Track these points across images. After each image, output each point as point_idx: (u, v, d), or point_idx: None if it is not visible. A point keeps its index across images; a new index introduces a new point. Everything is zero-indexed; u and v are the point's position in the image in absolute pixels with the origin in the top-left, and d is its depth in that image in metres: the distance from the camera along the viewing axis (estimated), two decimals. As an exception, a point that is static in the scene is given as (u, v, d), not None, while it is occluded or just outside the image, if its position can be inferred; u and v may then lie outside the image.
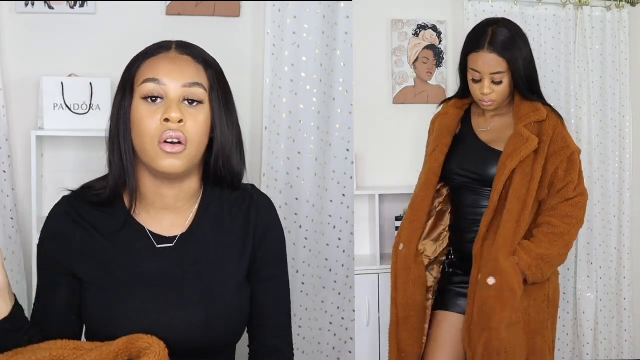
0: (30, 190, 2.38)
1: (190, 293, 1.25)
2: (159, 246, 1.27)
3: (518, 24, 2.87)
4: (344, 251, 2.72)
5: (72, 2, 2.49)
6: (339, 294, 2.74)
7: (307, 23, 2.62)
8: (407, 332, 1.98)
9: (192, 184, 1.29)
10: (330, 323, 2.76)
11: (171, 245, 1.28)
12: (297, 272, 2.69)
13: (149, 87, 1.19)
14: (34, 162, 2.33)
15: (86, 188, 1.30)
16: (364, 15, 2.92)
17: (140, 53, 1.25)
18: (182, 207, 1.29)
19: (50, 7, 2.47)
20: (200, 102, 1.21)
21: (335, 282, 2.74)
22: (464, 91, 2.07)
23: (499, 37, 1.92)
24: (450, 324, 1.98)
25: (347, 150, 2.69)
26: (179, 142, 1.18)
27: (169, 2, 2.58)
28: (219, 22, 2.64)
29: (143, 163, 1.23)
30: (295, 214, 2.67)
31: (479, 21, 2.86)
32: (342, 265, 2.73)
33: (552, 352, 1.99)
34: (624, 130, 3.08)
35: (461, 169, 1.98)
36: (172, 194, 1.27)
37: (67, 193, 1.30)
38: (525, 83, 1.95)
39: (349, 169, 2.70)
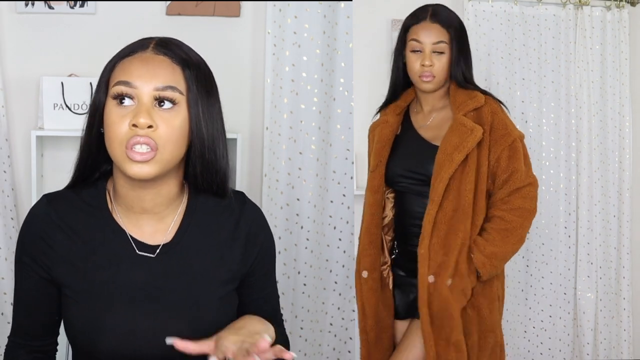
0: (30, 190, 2.37)
1: (174, 306, 1.20)
2: (140, 253, 1.22)
3: (518, 24, 2.93)
4: (344, 251, 2.72)
5: (72, 2, 2.49)
6: (339, 294, 2.74)
7: (308, 23, 2.62)
8: (380, 354, 1.95)
9: (171, 189, 1.22)
10: (331, 324, 2.76)
11: (152, 255, 1.22)
12: (299, 273, 2.69)
13: (120, 90, 1.13)
14: (34, 162, 2.33)
15: (68, 188, 1.26)
16: (364, 15, 2.90)
17: (119, 51, 1.20)
18: (162, 212, 1.23)
19: (50, 7, 2.47)
20: (174, 104, 1.13)
21: (335, 282, 2.73)
22: (395, 90, 2.00)
23: (441, 11, 1.90)
24: (401, 332, 1.97)
25: (348, 150, 2.68)
26: (149, 149, 1.11)
27: (169, 2, 2.57)
28: (219, 22, 2.63)
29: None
30: (297, 215, 2.67)
31: (479, 21, 2.92)
32: (343, 266, 2.73)
33: (503, 350, 1.94)
34: (623, 130, 3.07)
35: (406, 171, 1.91)
36: (149, 197, 1.20)
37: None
38: (462, 65, 1.88)
39: (349, 169, 2.69)
